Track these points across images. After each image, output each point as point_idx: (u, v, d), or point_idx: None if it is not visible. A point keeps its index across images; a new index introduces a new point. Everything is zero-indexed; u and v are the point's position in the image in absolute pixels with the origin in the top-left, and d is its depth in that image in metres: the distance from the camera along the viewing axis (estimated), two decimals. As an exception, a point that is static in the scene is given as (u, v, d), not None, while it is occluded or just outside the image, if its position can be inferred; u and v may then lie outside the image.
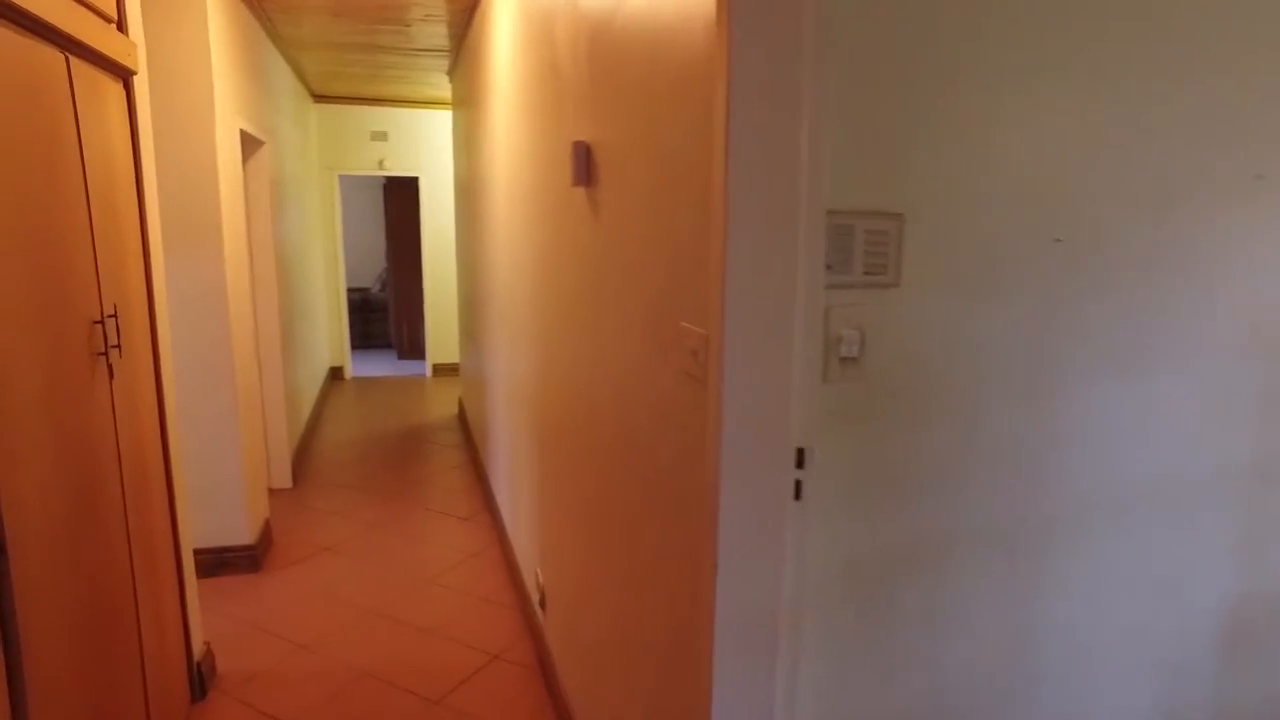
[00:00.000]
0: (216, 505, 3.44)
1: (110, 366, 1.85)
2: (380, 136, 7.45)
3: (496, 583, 3.45)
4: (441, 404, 6.81)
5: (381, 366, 8.39)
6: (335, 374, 7.67)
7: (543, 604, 2.77)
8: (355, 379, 7.78)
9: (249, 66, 4.00)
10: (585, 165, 1.81)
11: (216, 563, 3.47)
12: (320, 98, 7.21)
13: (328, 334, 7.55)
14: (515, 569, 3.40)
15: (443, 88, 6.60)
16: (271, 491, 4.50)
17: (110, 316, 1.86)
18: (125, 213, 2.10)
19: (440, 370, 7.89)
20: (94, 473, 1.74)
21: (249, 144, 4.23)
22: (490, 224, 3.93)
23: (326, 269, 7.52)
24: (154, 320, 2.30)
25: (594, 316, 1.84)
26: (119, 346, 1.89)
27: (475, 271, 4.82)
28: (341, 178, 7.74)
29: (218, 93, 3.25)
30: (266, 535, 3.76)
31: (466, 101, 4.96)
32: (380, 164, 7.47)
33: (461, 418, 6.10)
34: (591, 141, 1.78)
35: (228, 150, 3.38)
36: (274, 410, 4.52)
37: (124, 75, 2.18)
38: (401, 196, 8.33)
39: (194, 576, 2.60)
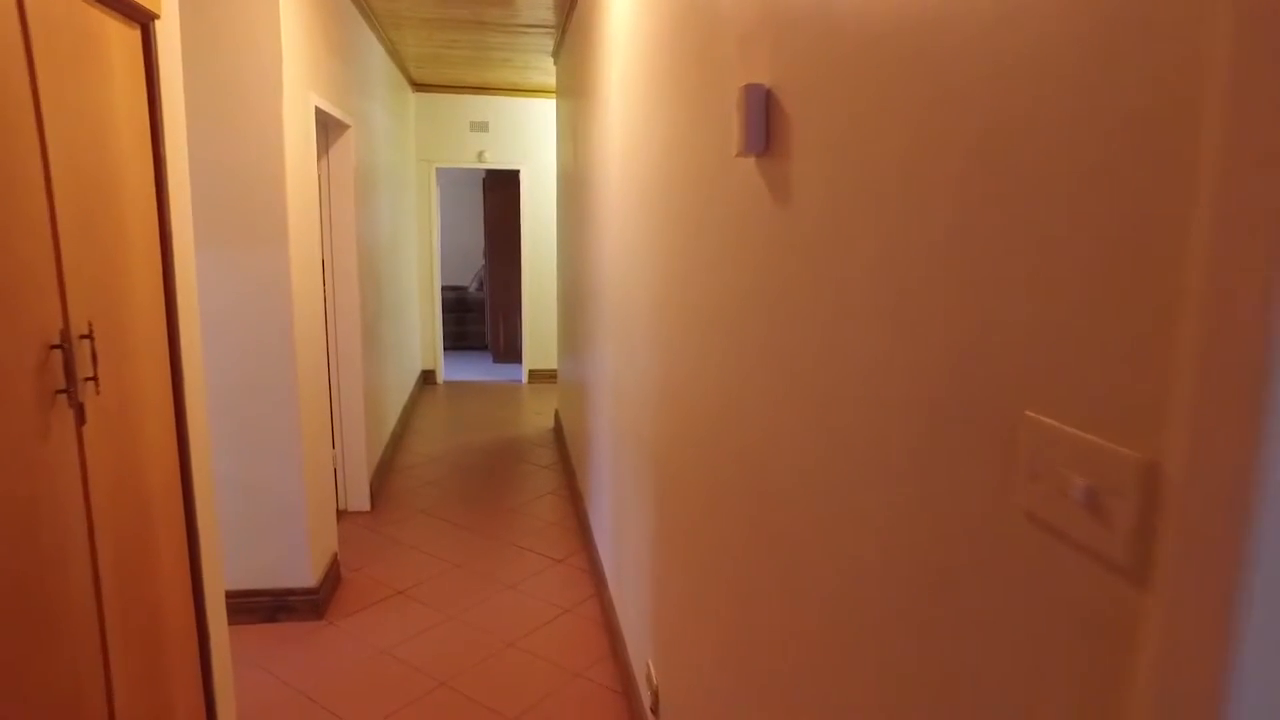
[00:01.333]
0: (275, 541, 2.97)
1: (80, 406, 1.32)
2: (480, 127, 7.02)
3: (593, 652, 2.84)
4: (537, 415, 6.30)
5: (475, 370, 7.98)
6: (427, 378, 7.30)
7: (655, 709, 2.14)
8: (447, 384, 7.39)
9: (333, 41, 3.54)
10: (762, 123, 1.16)
11: (275, 606, 3.00)
12: (420, 86, 6.83)
13: (420, 335, 7.18)
14: (617, 635, 2.79)
15: (547, 72, 6.08)
16: (346, 515, 4.06)
17: (84, 337, 1.34)
18: (127, 196, 1.58)
19: (537, 377, 7.41)
20: (36, 555, 1.21)
21: (333, 128, 3.78)
22: (598, 220, 3.33)
23: (421, 266, 7.15)
24: (174, 333, 1.79)
25: (768, 354, 1.19)
26: (95, 379, 1.36)
27: (577, 273, 4.25)
28: (440, 171, 7.37)
29: (288, 63, 2.77)
30: (333, 573, 3.28)
31: (572, 84, 4.40)
32: (480, 156, 7.04)
33: (557, 432, 5.56)
34: (777, 85, 1.13)
35: (299, 129, 2.90)
36: (351, 424, 4.07)
37: (142, 19, 1.68)
38: (501, 191, 7.91)
39: (225, 640, 2.09)
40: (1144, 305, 0.49)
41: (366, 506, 4.13)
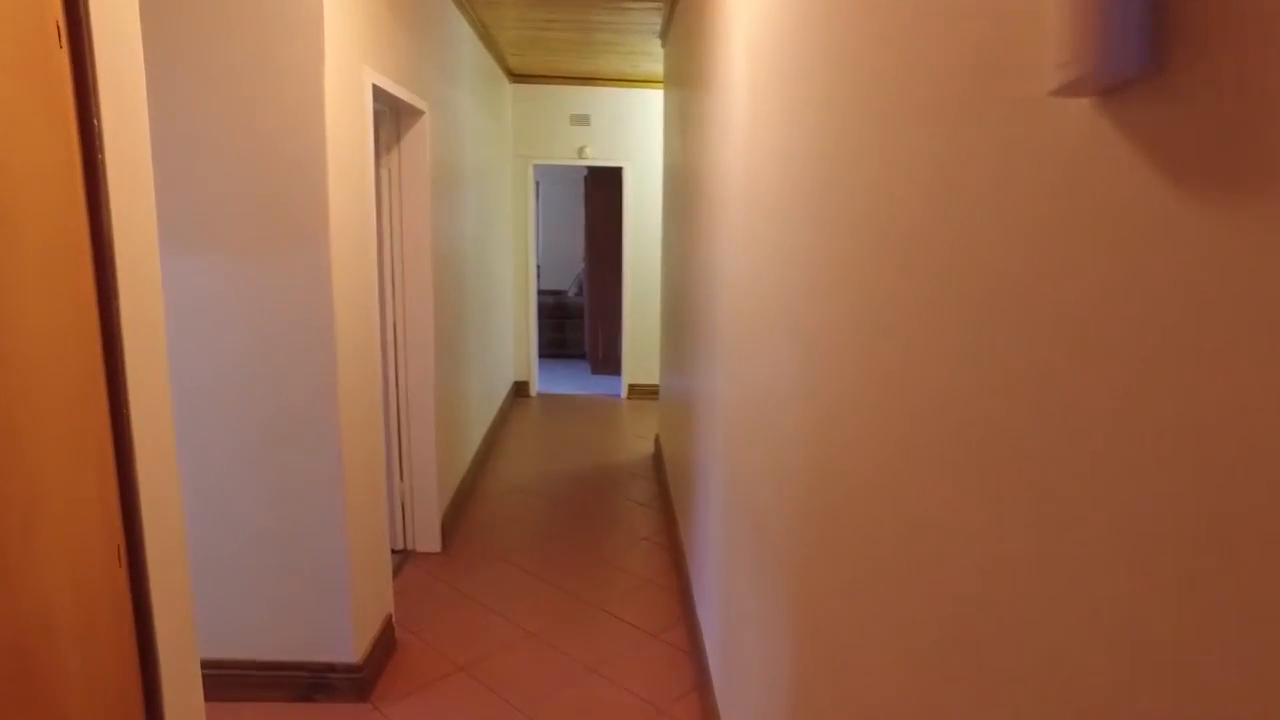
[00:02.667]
0: (311, 608, 2.46)
1: None
2: (581, 120, 6.49)
3: (694, 782, 2.19)
4: (635, 438, 5.70)
5: (571, 382, 7.47)
6: (519, 390, 6.83)
7: None
8: (541, 397, 6.90)
9: (401, 12, 3.03)
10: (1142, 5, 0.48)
11: (311, 684, 2.50)
12: (518, 77, 6.36)
13: (514, 345, 6.72)
14: (724, 765, 2.13)
15: (653, 58, 5.48)
16: (413, 557, 3.56)
17: None
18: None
19: (637, 392, 6.82)
20: None
21: (404, 115, 3.28)
22: (712, 222, 2.68)
23: (516, 270, 6.69)
24: (116, 364, 1.26)
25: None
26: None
27: (683, 281, 3.61)
28: (541, 168, 6.90)
29: (334, 28, 2.25)
30: (385, 640, 2.76)
31: (683, 68, 3.76)
32: (580, 152, 6.52)
33: (657, 461, 4.93)
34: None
35: (348, 110, 2.39)
36: (422, 453, 3.57)
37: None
38: (604, 189, 7.37)
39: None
40: None
41: (436, 547, 3.63)
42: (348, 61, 2.37)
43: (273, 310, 2.28)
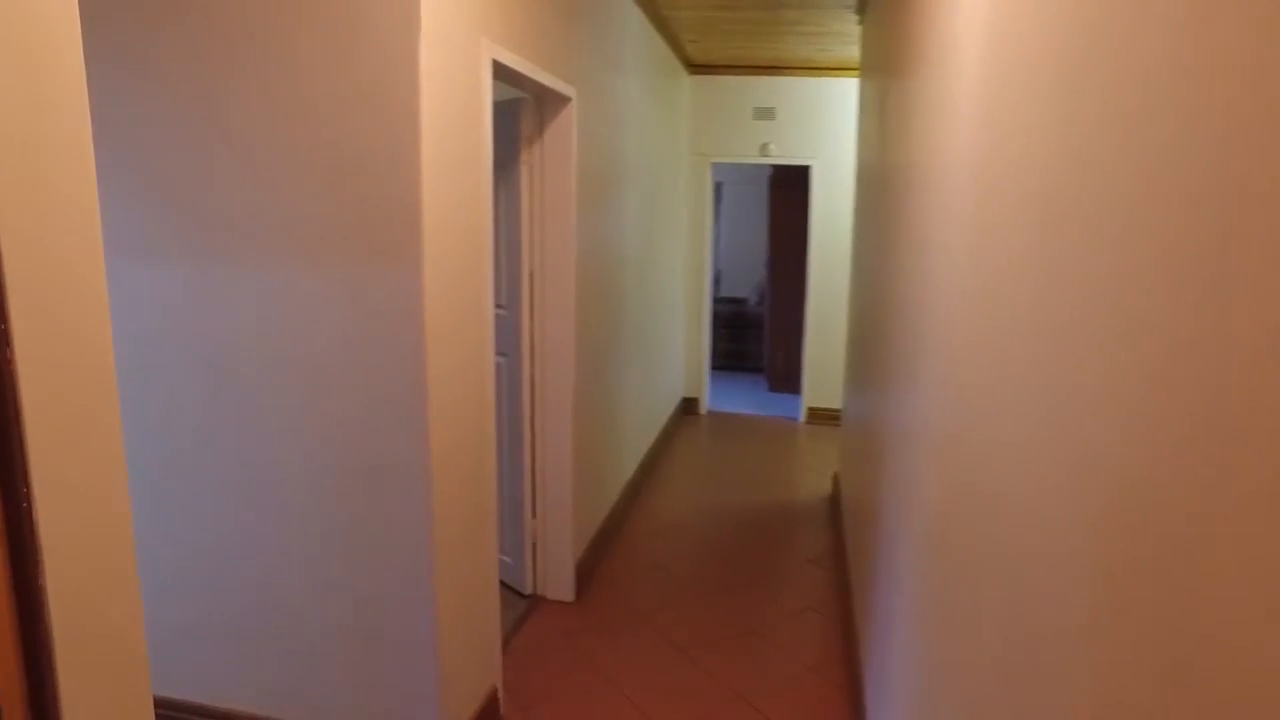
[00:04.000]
0: (391, 678, 2.08)
1: None
2: (765, 114, 5.87)
3: None
4: (811, 472, 5.01)
5: (746, 399, 6.87)
6: (688, 407, 6.33)
7: None
8: (710, 415, 6.35)
9: (546, -23, 2.61)
10: None
11: (395, 772, 2.12)
12: (697, 68, 5.86)
13: (685, 357, 6.23)
14: None
15: (847, 40, 4.77)
16: (540, 605, 3.14)
17: None
18: None
19: (817, 417, 6.10)
20: None
21: (549, 101, 2.86)
22: (921, 228, 2.02)
23: (690, 276, 6.19)
24: (14, 430, 0.87)
25: None
26: None
27: (876, 295, 2.93)
28: (719, 167, 6.36)
29: (437, -15, 1.84)
30: (489, 715, 2.34)
31: (886, 49, 3.06)
32: (763, 150, 5.91)
33: (835, 505, 4.23)
34: None
35: (456, 88, 1.97)
36: (557, 486, 3.15)
37: None
38: (789, 190, 6.71)
39: None
40: None
41: (569, 595, 3.19)
42: (456, 28, 1.96)
43: (345, 331, 1.91)
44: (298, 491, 2.04)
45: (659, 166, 4.82)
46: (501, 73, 2.31)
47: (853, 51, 5.08)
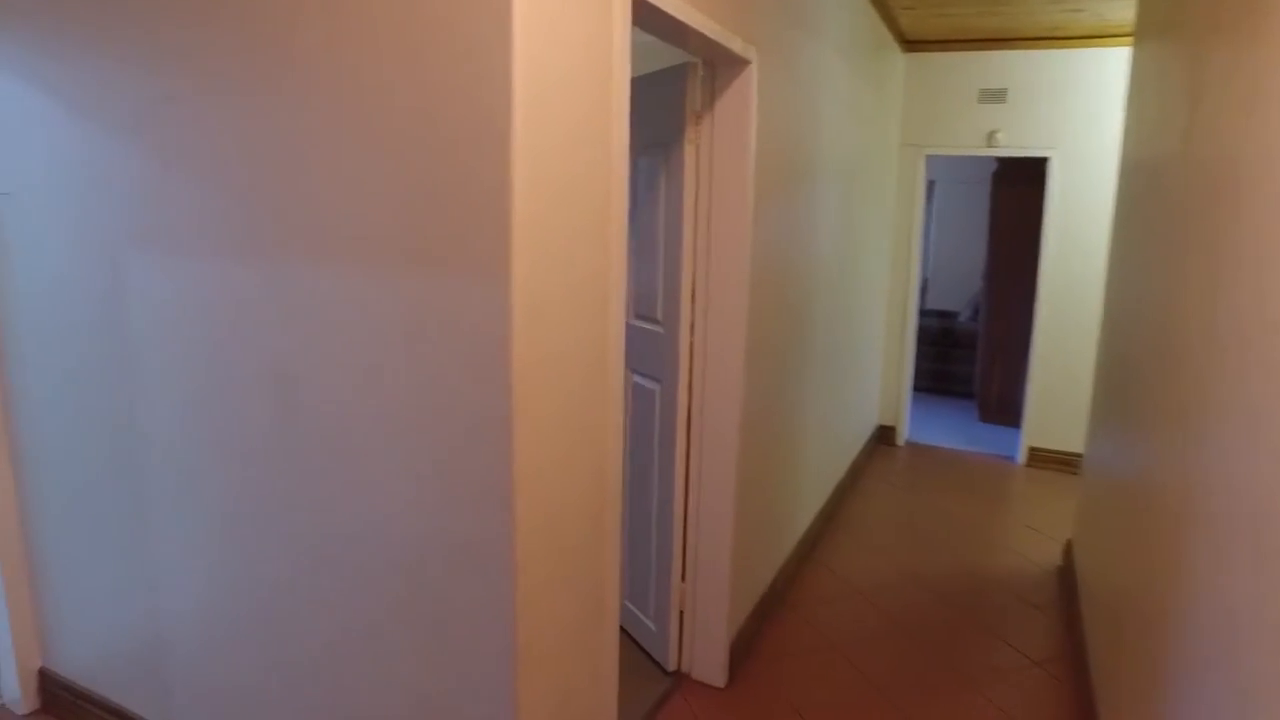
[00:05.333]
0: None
1: None
2: (994, 97, 4.93)
3: None
4: (1034, 532, 4.07)
5: (951, 430, 5.90)
6: (883, 436, 5.50)
7: None
8: (910, 447, 5.48)
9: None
10: None
11: None
12: (912, 45, 5.03)
13: (882, 379, 5.42)
14: None
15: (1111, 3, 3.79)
16: (685, 684, 2.57)
17: None
18: None
19: (1042, 460, 5.06)
20: None
21: (721, 65, 2.29)
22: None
23: (894, 285, 5.37)
24: None
25: None
26: None
27: (1160, 318, 2.09)
28: (934, 160, 5.47)
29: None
30: None
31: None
32: (990, 139, 4.97)
33: (1066, 585, 3.32)
34: None
35: (569, 30, 1.44)
36: (711, 544, 2.57)
37: None
38: (1019, 186, 5.68)
39: None
40: None
41: (720, 678, 2.60)
42: (582, -46, 1.43)
43: (411, 358, 1.44)
44: (360, 551, 1.61)
45: (863, 157, 4.09)
46: (650, 19, 1.76)
47: (1117, 13, 4.06)
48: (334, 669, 1.73)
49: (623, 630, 2.90)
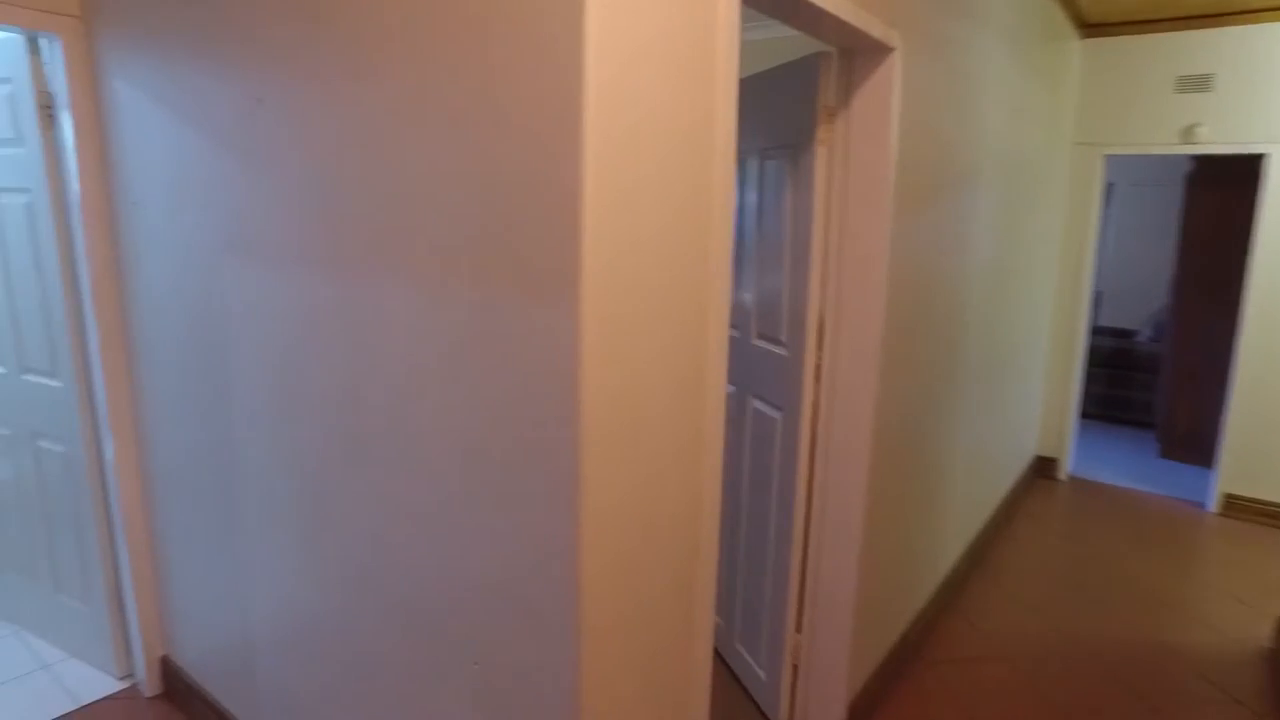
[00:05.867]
0: None
1: None
2: (1195, 84, 4.27)
3: None
4: (1234, 601, 3.45)
5: (1125, 466, 5.22)
6: (1041, 469, 4.92)
7: None
8: (1073, 482, 4.87)
9: None
10: None
11: None
12: (1093, 29, 4.45)
13: (1044, 404, 4.85)
14: None
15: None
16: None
17: None
18: None
19: (1243, 510, 4.34)
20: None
21: (859, 55, 2.01)
22: None
23: (1061, 300, 4.79)
24: None
25: None
26: None
27: None
28: (1114, 160, 4.84)
29: None
30: None
31: None
32: (1189, 134, 4.31)
33: (1278, 671, 2.75)
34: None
35: (656, 7, 1.23)
36: (833, 588, 2.28)
37: None
38: (1219, 190, 4.93)
39: None
40: None
41: (838, 748, 2.31)
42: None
43: (473, 388, 1.27)
44: (416, 592, 1.47)
45: (1027, 158, 3.63)
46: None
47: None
48: (390, 703, 1.60)
49: (731, 674, 2.66)
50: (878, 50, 1.96)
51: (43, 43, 2.18)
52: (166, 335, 2.10)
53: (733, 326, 2.60)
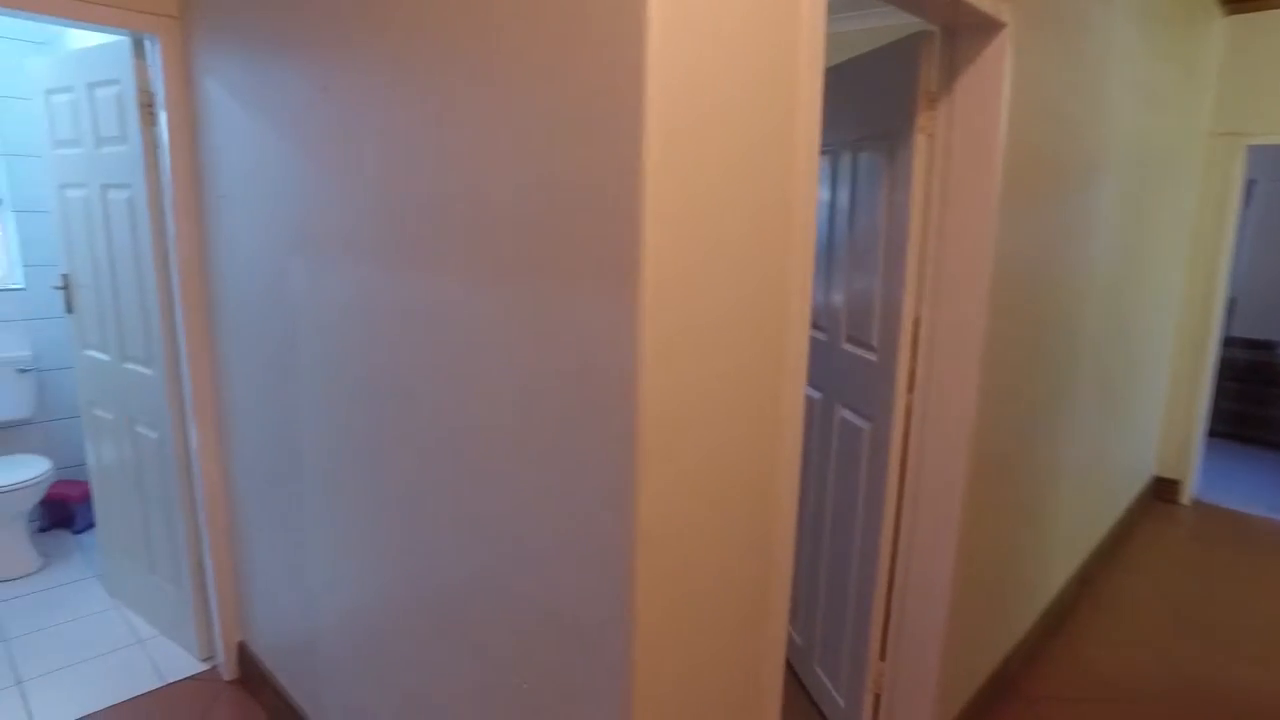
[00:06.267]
0: None
1: None
2: (1357, 68, 3.81)
3: None
4: (1386, 640, 3.06)
5: (1260, 491, 4.74)
6: (1160, 492, 4.52)
7: None
8: (1197, 506, 4.45)
9: None
10: None
11: None
12: (1237, 4, 4.03)
13: (1164, 419, 4.45)
14: None
15: None
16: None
17: None
18: None
19: (1397, 539, 3.86)
20: None
21: (962, 34, 1.83)
22: None
23: (1189, 307, 4.38)
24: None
25: None
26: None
27: None
28: (1257, 152, 4.39)
29: None
30: None
31: None
32: (1344, 122, 3.86)
33: None
34: None
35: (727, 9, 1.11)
36: (921, 614, 2.11)
37: None
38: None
39: None
40: None
41: (923, 787, 2.13)
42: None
43: (523, 389, 1.18)
44: (467, 603, 1.40)
45: (1156, 150, 3.31)
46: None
47: None
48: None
49: (809, 699, 2.51)
50: (986, 27, 1.78)
51: (146, 44, 2.24)
52: (244, 326, 2.12)
53: (820, 329, 2.45)
